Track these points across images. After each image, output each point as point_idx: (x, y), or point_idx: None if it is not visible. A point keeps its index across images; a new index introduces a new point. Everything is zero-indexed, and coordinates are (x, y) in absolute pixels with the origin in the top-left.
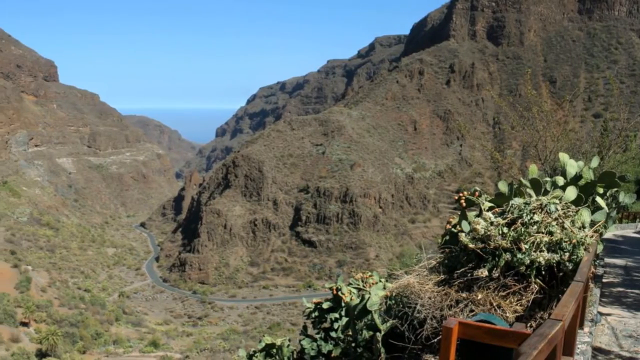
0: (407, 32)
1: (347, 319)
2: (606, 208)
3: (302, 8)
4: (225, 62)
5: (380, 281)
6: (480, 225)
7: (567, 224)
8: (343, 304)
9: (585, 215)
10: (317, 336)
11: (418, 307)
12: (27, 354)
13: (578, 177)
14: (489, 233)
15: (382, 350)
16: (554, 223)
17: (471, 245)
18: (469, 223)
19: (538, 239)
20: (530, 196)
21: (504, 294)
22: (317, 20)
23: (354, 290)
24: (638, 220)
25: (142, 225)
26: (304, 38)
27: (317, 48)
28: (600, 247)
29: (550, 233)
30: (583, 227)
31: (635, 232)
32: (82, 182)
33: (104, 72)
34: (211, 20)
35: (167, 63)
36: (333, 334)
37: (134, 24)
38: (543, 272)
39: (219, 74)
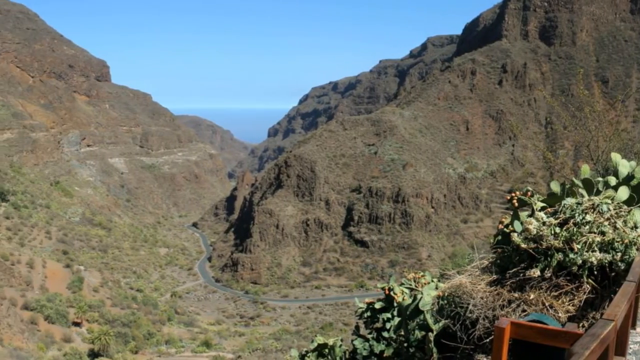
0: (459, 32)
1: (399, 319)
2: None
3: (355, 8)
4: (278, 62)
5: (432, 281)
6: (533, 225)
7: (619, 224)
8: (395, 304)
9: (637, 215)
10: (370, 336)
11: (470, 307)
12: (80, 354)
13: (630, 177)
14: (541, 233)
15: (435, 350)
16: (606, 223)
17: (523, 245)
18: (521, 223)
19: (590, 239)
20: (583, 196)
21: (556, 294)
22: (369, 20)
23: (406, 290)
24: None
25: (195, 225)
26: (357, 38)
27: (370, 48)
28: None
29: (603, 233)
30: (635, 227)
31: None
32: (134, 182)
33: (157, 72)
34: (265, 20)
35: (220, 63)
36: (385, 334)
37: (187, 24)
38: (595, 272)
39: (271, 74)
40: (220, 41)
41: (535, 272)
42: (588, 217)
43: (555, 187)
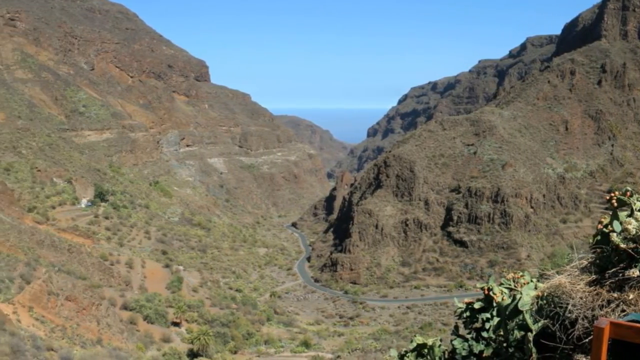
0: (558, 32)
1: (498, 319)
2: None
3: (454, 8)
4: (377, 62)
5: (531, 281)
6: (632, 226)
7: None
8: (494, 304)
9: None
10: (469, 336)
11: (569, 307)
12: (179, 354)
13: None
14: None
15: (534, 350)
16: None
17: (622, 245)
18: (621, 223)
19: None
20: None
21: None
22: (468, 20)
23: (506, 290)
24: None
25: (294, 225)
26: (456, 38)
27: (469, 48)
28: None
29: None
30: None
31: None
32: (233, 182)
33: (256, 72)
34: (364, 20)
35: (320, 63)
36: (484, 334)
37: (287, 24)
38: None
39: (370, 74)
40: (320, 41)
41: (635, 272)
42: None
43: None
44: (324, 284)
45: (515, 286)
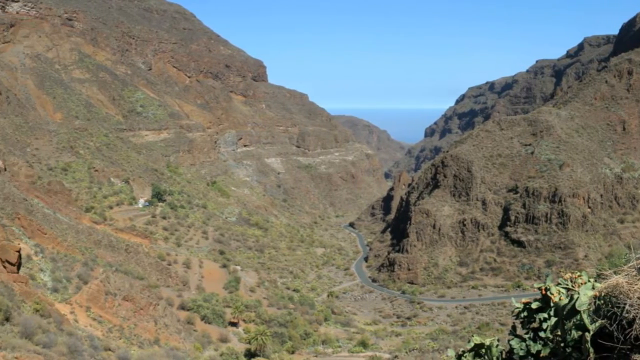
0: (616, 32)
1: (555, 319)
2: None
3: (512, 8)
4: (434, 62)
5: (589, 281)
6: None
7: None
8: (552, 304)
9: None
10: (526, 336)
11: (627, 307)
12: (236, 354)
13: None
14: None
15: (591, 350)
16: None
17: None
18: None
19: None
20: None
21: None
22: (526, 20)
23: (563, 290)
24: None
25: (351, 225)
26: (513, 38)
27: (526, 48)
28: None
29: None
30: None
31: None
32: (290, 182)
33: (314, 72)
34: (422, 20)
35: (377, 63)
36: (542, 334)
37: (344, 24)
38: None
39: (428, 74)
40: (378, 41)
41: None
42: None
43: None
44: (381, 283)
45: (572, 286)
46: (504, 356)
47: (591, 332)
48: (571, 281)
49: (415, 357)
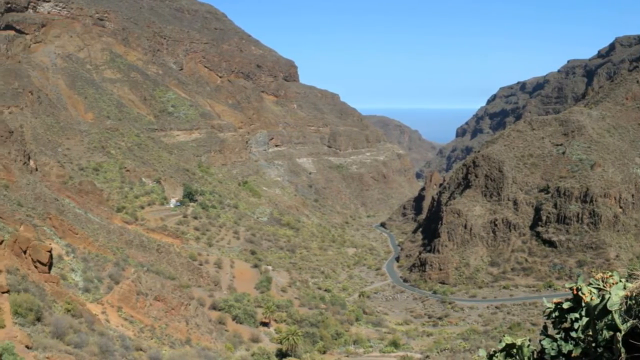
0: None
1: (587, 319)
2: None
3: (543, 8)
4: (466, 62)
5: (620, 281)
6: None
7: None
8: (583, 304)
9: None
10: (557, 336)
11: None
12: (268, 354)
13: None
14: None
15: (623, 350)
16: None
17: None
18: None
19: None
20: None
21: None
22: (558, 20)
23: (594, 290)
24: None
25: (383, 225)
26: (545, 38)
27: (558, 48)
28: None
29: None
30: None
31: None
32: (322, 182)
33: (345, 72)
34: (453, 20)
35: (408, 63)
36: (573, 334)
37: (376, 24)
38: None
39: (459, 74)
40: (409, 41)
41: None
42: None
43: None
44: (412, 283)
45: (604, 286)
46: (535, 356)
47: (622, 332)
48: (602, 281)
49: (446, 357)
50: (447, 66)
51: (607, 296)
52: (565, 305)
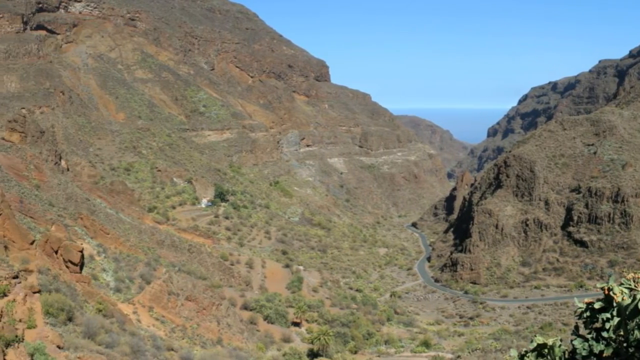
0: None
1: (618, 319)
2: None
3: (574, 8)
4: (497, 62)
5: None
6: None
7: None
8: (615, 304)
9: None
10: (589, 336)
11: None
12: (299, 354)
13: None
14: None
15: None
16: None
17: None
18: None
19: None
20: None
21: None
22: (589, 20)
23: (626, 290)
24: None
25: (414, 225)
26: (576, 38)
27: (589, 48)
28: None
29: None
30: None
31: None
32: (353, 182)
33: (376, 72)
34: (482, 20)
35: (440, 63)
36: (604, 334)
37: (406, 24)
38: None
39: (491, 74)
40: (440, 41)
41: None
42: None
43: None
44: (444, 283)
45: (635, 286)
46: (566, 356)
47: None
48: (634, 281)
49: (477, 357)
50: (479, 66)
51: (638, 296)
52: (597, 305)
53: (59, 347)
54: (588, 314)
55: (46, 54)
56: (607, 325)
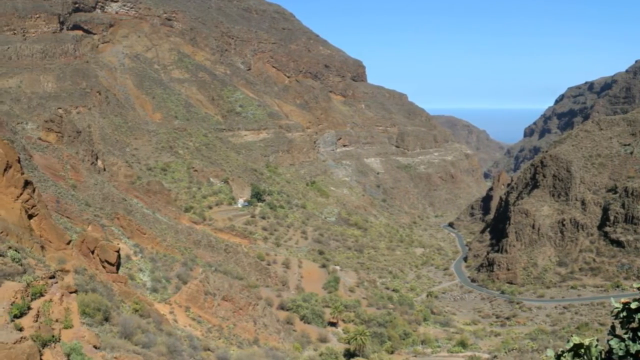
0: None
1: None
2: None
3: (611, 8)
4: (534, 62)
5: None
6: None
7: None
8: None
9: None
10: (625, 336)
11: None
12: (335, 354)
13: None
14: None
15: None
16: None
17: None
18: None
19: None
20: None
21: None
22: (625, 19)
23: None
24: None
25: (451, 225)
26: (612, 38)
27: (625, 48)
28: None
29: None
30: None
31: None
32: (390, 182)
33: (413, 72)
34: (520, 20)
35: (476, 63)
36: None
37: (443, 24)
38: None
39: (527, 74)
40: (477, 41)
41: None
42: None
43: None
44: (480, 284)
45: None
46: (603, 356)
47: None
48: None
49: (514, 357)
50: (515, 66)
51: None
52: (633, 305)
53: (95, 347)
54: (625, 314)
55: (82, 54)
56: None
